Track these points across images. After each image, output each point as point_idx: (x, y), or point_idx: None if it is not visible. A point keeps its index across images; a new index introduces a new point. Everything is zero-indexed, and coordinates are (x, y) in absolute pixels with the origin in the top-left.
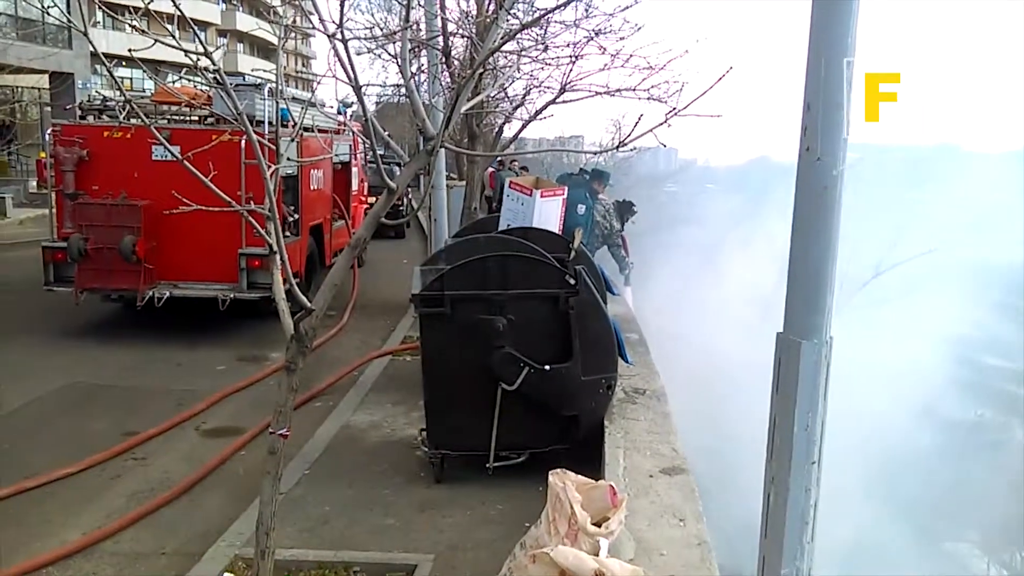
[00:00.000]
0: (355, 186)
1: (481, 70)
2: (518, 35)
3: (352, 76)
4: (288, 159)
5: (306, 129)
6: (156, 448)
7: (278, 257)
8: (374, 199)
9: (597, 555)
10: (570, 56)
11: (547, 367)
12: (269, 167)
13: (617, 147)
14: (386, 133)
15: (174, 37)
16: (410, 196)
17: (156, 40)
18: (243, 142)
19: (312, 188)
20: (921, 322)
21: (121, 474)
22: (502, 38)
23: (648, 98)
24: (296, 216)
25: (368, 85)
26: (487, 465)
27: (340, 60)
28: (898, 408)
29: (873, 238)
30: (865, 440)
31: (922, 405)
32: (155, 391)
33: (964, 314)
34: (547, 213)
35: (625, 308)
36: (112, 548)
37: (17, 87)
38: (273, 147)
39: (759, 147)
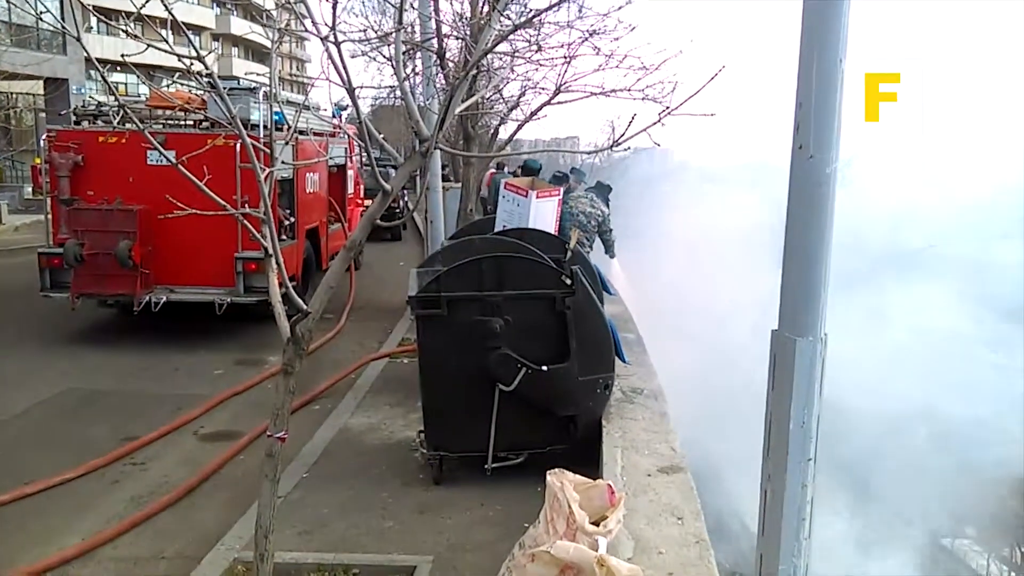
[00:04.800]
0: (351, 189)
1: (475, 71)
2: (512, 36)
3: (345, 78)
4: (283, 162)
5: (301, 132)
6: (155, 453)
7: (274, 260)
8: (370, 202)
9: None
10: (564, 57)
11: (544, 367)
12: (263, 170)
13: (611, 147)
14: (381, 136)
15: (166, 41)
16: (406, 198)
17: (149, 45)
18: (238, 146)
19: (308, 191)
20: (916, 317)
21: (120, 479)
22: (495, 39)
23: (643, 98)
24: (292, 219)
25: (361, 87)
26: (485, 466)
27: (333, 62)
28: (890, 404)
29: (872, 233)
30: (857, 437)
31: (915, 400)
32: (153, 396)
33: (962, 309)
34: (543, 214)
35: (622, 307)
36: (111, 553)
37: (11, 93)
38: (268, 151)
39: (758, 148)
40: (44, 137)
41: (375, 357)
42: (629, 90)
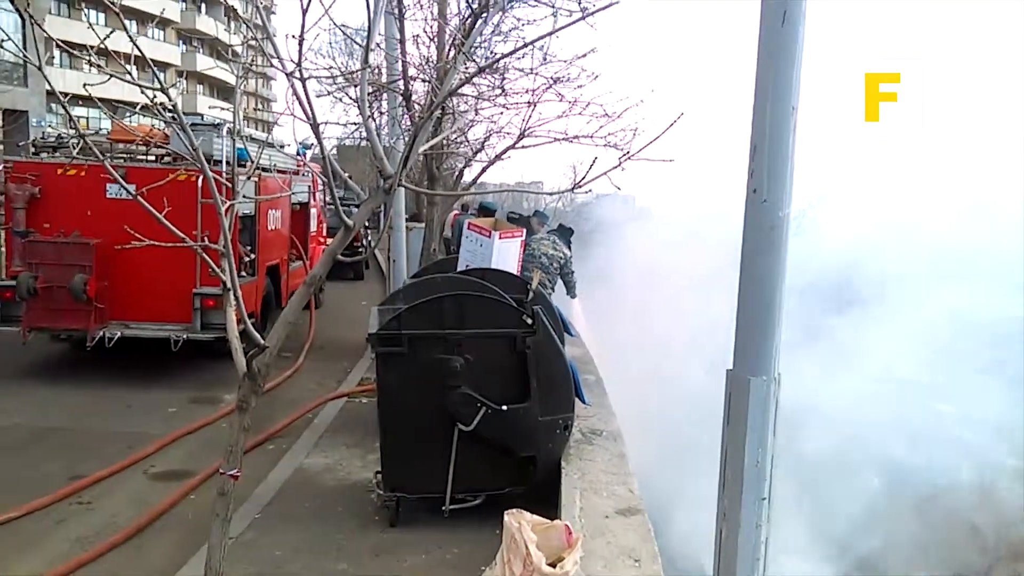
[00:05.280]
0: (313, 227)
1: (439, 112)
2: (477, 80)
3: (310, 113)
4: (244, 196)
5: (264, 169)
6: (103, 492)
7: (232, 295)
8: (332, 240)
9: None
10: (529, 102)
11: (504, 407)
12: (225, 203)
13: (572, 189)
14: (346, 175)
15: (129, 73)
16: (369, 237)
17: (111, 75)
18: (199, 181)
19: (269, 228)
20: (868, 363)
21: (66, 519)
22: (460, 81)
23: (605, 145)
24: (252, 256)
25: (326, 124)
26: (443, 508)
27: (298, 98)
28: (843, 451)
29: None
30: (810, 483)
31: (867, 448)
32: (105, 433)
33: (912, 356)
34: (505, 254)
35: (582, 349)
36: None
37: None
38: (230, 186)
39: (718, 196)
40: (1, 168)
41: (333, 396)
42: (592, 136)
